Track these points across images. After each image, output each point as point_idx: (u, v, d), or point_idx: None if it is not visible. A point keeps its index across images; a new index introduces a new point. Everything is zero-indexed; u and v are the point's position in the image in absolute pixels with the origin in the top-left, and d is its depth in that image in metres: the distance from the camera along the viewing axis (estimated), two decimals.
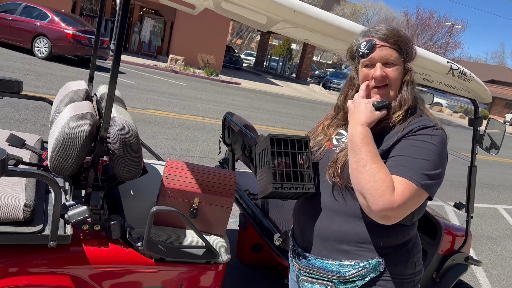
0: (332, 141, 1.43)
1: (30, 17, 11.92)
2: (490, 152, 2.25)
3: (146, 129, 6.65)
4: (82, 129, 1.53)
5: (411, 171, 1.16)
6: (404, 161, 1.19)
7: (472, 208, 2.41)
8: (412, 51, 1.35)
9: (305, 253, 1.40)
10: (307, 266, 1.38)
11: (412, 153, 1.19)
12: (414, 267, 1.34)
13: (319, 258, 1.35)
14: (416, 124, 1.27)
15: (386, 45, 1.29)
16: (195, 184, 1.80)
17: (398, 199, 1.13)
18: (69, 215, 1.54)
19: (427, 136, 1.23)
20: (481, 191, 8.05)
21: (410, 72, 1.33)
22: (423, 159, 1.18)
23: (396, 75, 1.31)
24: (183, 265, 1.77)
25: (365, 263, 1.28)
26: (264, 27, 1.62)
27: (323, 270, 1.33)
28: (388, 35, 1.29)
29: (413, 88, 1.33)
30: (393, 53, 1.29)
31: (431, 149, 1.20)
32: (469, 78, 1.85)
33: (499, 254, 5.01)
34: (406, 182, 1.15)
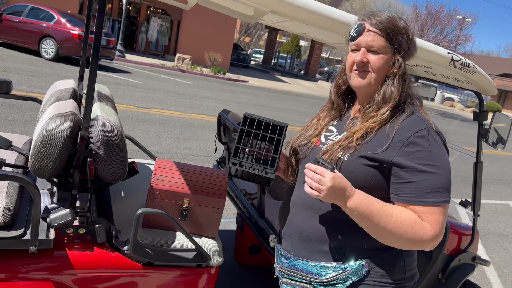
0: (321, 137, 1.35)
1: (37, 19, 11.99)
2: (497, 147, 2.15)
3: (150, 129, 6.62)
4: (62, 129, 1.46)
5: (435, 195, 1.12)
6: (423, 188, 1.12)
7: (478, 206, 2.31)
8: (408, 45, 1.25)
9: (287, 253, 1.34)
10: (287, 267, 1.33)
11: (425, 176, 1.13)
12: (404, 272, 1.24)
13: (300, 259, 1.29)
14: (409, 130, 1.17)
15: (375, 31, 1.21)
16: (185, 184, 1.74)
17: (437, 229, 1.11)
18: (51, 219, 1.48)
19: (428, 146, 1.15)
20: (492, 187, 7.88)
21: (398, 65, 1.22)
22: (436, 177, 1.13)
23: (378, 64, 1.22)
24: (173, 269, 1.70)
25: (347, 265, 1.21)
26: (251, 19, 1.54)
27: (302, 272, 1.27)
28: (380, 22, 1.21)
29: (402, 84, 1.23)
30: (380, 40, 1.21)
31: (438, 160, 1.14)
32: (472, 70, 1.75)
33: (511, 252, 4.87)
34: (434, 209, 1.12)
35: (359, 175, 1.18)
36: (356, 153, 1.19)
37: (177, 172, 1.78)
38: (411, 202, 1.13)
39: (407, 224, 1.09)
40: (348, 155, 1.20)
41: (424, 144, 1.14)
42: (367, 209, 1.10)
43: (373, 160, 1.17)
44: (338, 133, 1.32)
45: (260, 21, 1.68)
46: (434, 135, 1.18)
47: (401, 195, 1.15)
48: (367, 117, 1.24)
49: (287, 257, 1.34)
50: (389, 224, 1.09)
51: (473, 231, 2.37)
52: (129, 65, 14.88)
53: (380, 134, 1.20)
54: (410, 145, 1.14)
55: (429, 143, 1.15)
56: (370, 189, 1.17)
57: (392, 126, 1.19)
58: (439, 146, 1.17)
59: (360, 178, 1.18)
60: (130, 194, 2.03)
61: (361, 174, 1.18)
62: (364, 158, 1.18)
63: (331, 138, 1.32)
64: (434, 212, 1.12)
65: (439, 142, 1.17)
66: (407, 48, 1.24)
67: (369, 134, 1.21)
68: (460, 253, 2.34)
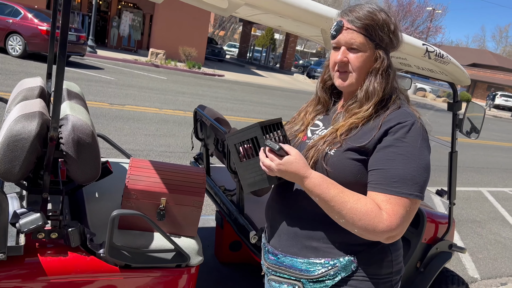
0: (307, 132, 1.33)
1: (2, 14, 11.52)
2: (471, 136, 2.18)
3: (124, 126, 6.48)
4: (29, 129, 1.39)
5: (400, 186, 1.09)
6: (390, 176, 1.10)
7: (454, 195, 2.35)
8: (390, 37, 1.21)
9: (274, 250, 1.32)
10: (275, 264, 1.30)
11: (395, 165, 1.10)
12: (391, 266, 1.24)
13: (288, 256, 1.26)
14: (394, 120, 1.15)
15: (353, 28, 1.18)
16: (161, 183, 1.69)
17: (393, 220, 1.07)
18: (21, 224, 1.41)
19: (408, 137, 1.13)
20: (465, 174, 8.10)
21: (381, 61, 1.20)
22: (408, 169, 1.10)
23: (358, 63, 1.20)
24: (152, 270, 1.66)
25: (336, 261, 1.19)
26: (226, 12, 1.50)
27: (291, 269, 1.25)
28: (358, 18, 1.17)
29: (386, 79, 1.21)
30: (359, 37, 1.18)
31: (414, 153, 1.11)
32: (446, 61, 1.77)
33: (484, 237, 5.02)
34: (395, 200, 1.08)
35: (346, 170, 1.16)
36: (342, 148, 1.17)
37: (153, 171, 1.73)
38: (374, 188, 1.11)
39: (362, 211, 1.07)
40: (334, 149, 1.18)
41: (403, 134, 1.13)
42: (322, 192, 1.10)
43: (359, 153, 1.15)
44: (324, 128, 1.30)
45: (234, 14, 1.64)
46: (417, 128, 1.15)
47: (370, 182, 1.13)
48: (350, 114, 1.22)
49: (274, 253, 1.31)
50: (343, 210, 1.08)
51: (449, 220, 2.41)
52: (101, 61, 14.52)
53: (366, 127, 1.18)
54: (390, 134, 1.13)
55: (409, 135, 1.13)
56: (357, 184, 1.16)
57: (379, 119, 1.18)
58: (420, 141, 1.14)
59: (346, 172, 1.16)
60: (105, 195, 1.97)
61: (347, 168, 1.16)
62: (351, 151, 1.16)
63: (317, 133, 1.30)
64: (395, 203, 1.08)
65: (419, 136, 1.14)
66: (389, 41, 1.21)
67: (354, 129, 1.19)
68: (437, 242, 2.38)
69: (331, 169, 1.17)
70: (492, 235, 5.14)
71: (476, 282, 3.86)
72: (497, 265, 4.30)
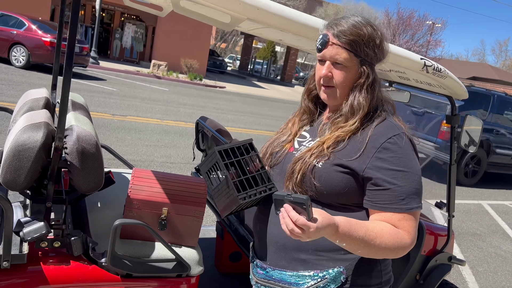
0: (294, 143, 1.34)
1: (6, 26, 11.66)
2: (469, 149, 2.21)
3: (126, 136, 6.52)
4: (35, 140, 1.42)
5: (409, 202, 1.13)
6: (397, 194, 1.12)
7: (453, 207, 2.36)
8: (376, 52, 1.21)
9: (263, 264, 1.31)
10: (264, 278, 1.29)
11: (399, 182, 1.13)
12: (381, 276, 1.24)
13: (277, 269, 1.25)
14: (383, 135, 1.16)
15: (338, 43, 1.18)
16: (163, 194, 1.71)
17: (412, 235, 1.12)
18: (24, 233, 1.43)
19: (402, 152, 1.15)
20: (465, 188, 8.09)
21: (366, 76, 1.20)
22: (410, 184, 1.13)
23: (342, 78, 1.20)
24: (152, 280, 1.67)
25: (325, 273, 1.19)
26: (228, 26, 1.54)
27: (280, 282, 1.24)
28: (343, 33, 1.17)
29: (371, 93, 1.21)
30: (343, 53, 1.17)
31: (410, 166, 1.15)
32: (443, 75, 1.80)
33: (484, 251, 5.01)
34: (408, 216, 1.13)
35: (334, 182, 1.17)
36: (330, 161, 1.17)
37: (154, 181, 1.75)
38: (385, 209, 1.13)
39: (390, 242, 1.09)
40: (322, 162, 1.18)
41: (396, 150, 1.14)
42: (353, 241, 1.06)
43: (347, 168, 1.16)
44: (311, 139, 1.31)
45: (237, 28, 1.68)
46: (406, 141, 1.17)
47: (376, 202, 1.14)
48: (336, 127, 1.23)
49: (263, 267, 1.30)
50: (372, 248, 1.08)
51: (449, 232, 2.42)
52: (104, 72, 14.63)
53: (354, 141, 1.19)
54: (383, 151, 1.14)
55: (402, 149, 1.15)
56: (344, 195, 1.17)
57: (365, 133, 1.18)
58: (411, 152, 1.17)
59: (334, 184, 1.17)
60: (107, 204, 1.99)
61: (335, 181, 1.17)
62: (339, 166, 1.17)
63: (304, 144, 1.30)
64: (408, 218, 1.13)
65: (409, 148, 1.17)
66: (374, 55, 1.21)
67: (341, 142, 1.19)
68: (437, 254, 2.39)
69: (318, 181, 1.17)
70: (492, 248, 5.13)
71: None
72: (497, 278, 4.28)
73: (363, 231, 1.06)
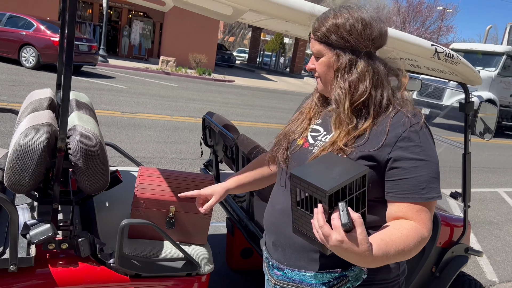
0: (308, 138, 1.30)
1: (16, 27, 11.77)
2: (484, 137, 2.14)
3: (136, 134, 6.53)
4: (38, 141, 1.40)
5: (429, 191, 1.12)
6: (417, 183, 1.12)
7: (469, 197, 2.30)
8: (347, 37, 1.16)
9: (280, 265, 1.28)
10: (283, 280, 1.26)
11: (419, 172, 1.12)
12: (398, 269, 1.24)
13: (296, 271, 1.22)
14: (402, 125, 1.14)
15: (313, 37, 1.24)
16: (170, 192, 1.69)
17: (429, 225, 1.12)
18: (31, 235, 1.42)
19: (422, 141, 1.14)
20: (480, 175, 7.96)
21: (336, 61, 1.18)
22: (430, 172, 1.13)
23: (320, 69, 1.24)
24: (162, 279, 1.65)
25: (347, 272, 1.17)
26: (230, 19, 1.50)
27: (301, 284, 1.21)
28: (316, 28, 1.22)
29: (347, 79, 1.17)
30: (318, 45, 1.22)
31: (430, 155, 1.14)
32: (456, 61, 1.74)
33: (502, 240, 4.91)
34: (426, 205, 1.12)
35: None
36: (353, 156, 1.15)
37: (161, 179, 1.73)
38: (406, 199, 1.12)
39: (413, 242, 1.08)
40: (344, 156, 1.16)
41: (417, 139, 1.13)
42: (386, 260, 1.03)
43: (371, 159, 1.14)
44: (326, 133, 1.27)
45: (240, 20, 1.64)
46: (425, 129, 1.17)
47: (397, 193, 1.13)
48: (335, 121, 1.21)
49: (280, 268, 1.27)
50: (403, 257, 1.08)
51: (465, 223, 2.36)
52: (113, 70, 14.70)
53: (372, 133, 1.17)
54: (404, 140, 1.13)
55: (422, 137, 1.14)
56: (367, 191, 1.14)
57: (384, 122, 1.16)
58: (430, 140, 1.16)
59: None
60: (115, 204, 1.97)
61: None
62: (362, 159, 1.15)
63: (319, 139, 1.26)
64: (426, 210, 1.11)
65: (429, 136, 1.17)
66: (345, 41, 1.17)
67: (360, 136, 1.16)
68: (453, 245, 2.33)
69: None
70: (510, 237, 5.03)
71: (494, 286, 3.77)
72: None
73: (392, 249, 1.03)
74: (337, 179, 0.96)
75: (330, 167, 1.02)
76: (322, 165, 1.03)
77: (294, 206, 1.05)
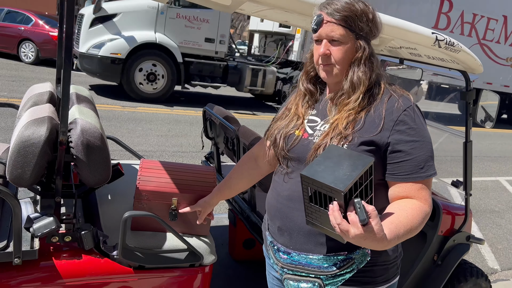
0: (306, 129, 1.30)
1: (14, 22, 11.72)
2: (485, 125, 2.13)
3: (137, 127, 6.53)
4: (39, 135, 1.41)
5: (427, 169, 1.18)
6: (416, 164, 1.18)
7: (470, 185, 2.30)
8: (370, 26, 1.23)
9: (286, 249, 1.30)
10: (290, 263, 1.28)
11: (417, 153, 1.19)
12: (396, 250, 1.31)
13: (303, 254, 1.25)
14: (396, 109, 1.20)
15: (332, 21, 1.20)
16: (172, 184, 1.69)
17: (429, 201, 1.18)
18: (34, 228, 1.43)
19: (417, 123, 1.20)
20: (482, 164, 7.96)
21: (362, 50, 1.22)
22: (426, 152, 1.19)
23: (340, 55, 1.22)
24: (165, 270, 1.66)
25: (352, 254, 1.21)
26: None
27: (309, 267, 1.24)
28: (336, 10, 1.19)
29: (370, 67, 1.23)
30: (339, 29, 1.20)
31: (424, 135, 1.20)
32: (457, 49, 1.73)
33: (503, 228, 4.93)
34: (426, 183, 1.19)
35: None
36: (355, 142, 1.18)
37: (163, 171, 1.73)
38: (407, 179, 1.18)
39: (418, 220, 1.13)
40: (346, 145, 1.18)
41: (411, 121, 1.19)
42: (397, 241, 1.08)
43: (371, 144, 1.18)
44: (323, 122, 1.29)
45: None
46: (417, 111, 1.23)
47: (398, 174, 1.19)
48: (341, 106, 1.24)
49: (287, 252, 1.30)
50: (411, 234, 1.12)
51: (466, 211, 2.36)
52: None
53: (370, 117, 1.21)
54: (400, 124, 1.18)
55: (416, 120, 1.20)
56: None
57: (379, 107, 1.21)
58: (422, 121, 1.23)
59: None
60: (118, 197, 1.98)
61: None
62: (363, 144, 1.18)
63: (318, 129, 1.28)
64: (425, 187, 1.19)
65: (421, 117, 1.23)
66: (369, 30, 1.24)
67: (358, 121, 1.20)
68: (455, 234, 2.34)
69: None
70: (511, 225, 5.04)
71: (496, 273, 3.79)
72: None
73: (402, 230, 1.08)
74: (348, 175, 0.98)
75: (338, 162, 1.03)
76: (329, 162, 1.04)
77: (307, 202, 1.07)
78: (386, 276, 1.27)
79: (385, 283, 1.26)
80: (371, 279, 1.24)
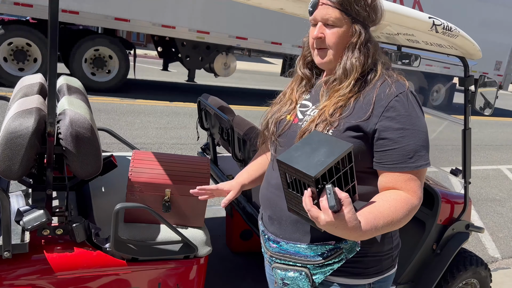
0: (297, 114, 1.28)
1: None
2: (484, 112, 2.09)
3: (135, 120, 6.50)
4: (26, 126, 1.38)
5: (417, 159, 1.11)
6: (405, 153, 1.11)
7: (469, 173, 2.27)
8: (368, 11, 1.18)
9: (276, 238, 1.28)
10: (278, 252, 1.26)
11: (406, 141, 1.12)
12: (392, 242, 1.25)
13: (291, 243, 1.23)
14: (387, 95, 1.14)
15: (328, 3, 1.15)
16: (165, 175, 1.67)
17: (419, 193, 1.12)
18: (24, 221, 1.41)
19: (409, 110, 1.13)
20: (483, 153, 7.92)
21: (357, 35, 1.17)
22: (417, 141, 1.12)
23: (334, 39, 1.17)
24: (159, 262, 1.64)
25: (340, 244, 1.17)
26: None
27: (296, 256, 1.21)
28: None
29: (365, 53, 1.18)
30: (334, 12, 1.15)
31: (416, 124, 1.13)
32: (454, 34, 1.68)
33: (504, 216, 4.90)
34: (415, 174, 1.11)
35: None
36: (340, 128, 1.14)
37: (156, 162, 1.70)
38: (394, 169, 1.12)
39: (403, 213, 1.08)
40: (332, 130, 1.15)
41: (402, 108, 1.13)
42: (375, 233, 1.04)
43: (358, 130, 1.13)
44: (314, 107, 1.26)
45: None
46: (411, 98, 1.16)
47: (385, 163, 1.13)
48: (332, 92, 1.20)
49: (276, 241, 1.28)
50: (393, 227, 1.08)
51: (465, 199, 2.34)
52: None
53: (358, 103, 1.16)
54: (390, 110, 1.13)
55: (408, 107, 1.13)
56: (356, 162, 1.12)
57: (370, 93, 1.16)
58: (417, 109, 1.16)
59: None
60: (111, 189, 1.96)
61: None
62: (350, 130, 1.14)
63: (308, 113, 1.25)
64: (415, 178, 1.11)
65: (416, 105, 1.16)
66: (367, 15, 1.19)
67: (346, 107, 1.16)
68: (454, 222, 2.31)
69: None
70: None
71: (497, 262, 3.78)
72: None
73: (381, 221, 1.04)
74: (322, 161, 0.95)
75: (315, 148, 1.00)
76: (308, 147, 1.02)
77: (285, 188, 1.05)
78: (379, 268, 1.22)
79: (378, 275, 1.22)
80: (362, 270, 1.20)
